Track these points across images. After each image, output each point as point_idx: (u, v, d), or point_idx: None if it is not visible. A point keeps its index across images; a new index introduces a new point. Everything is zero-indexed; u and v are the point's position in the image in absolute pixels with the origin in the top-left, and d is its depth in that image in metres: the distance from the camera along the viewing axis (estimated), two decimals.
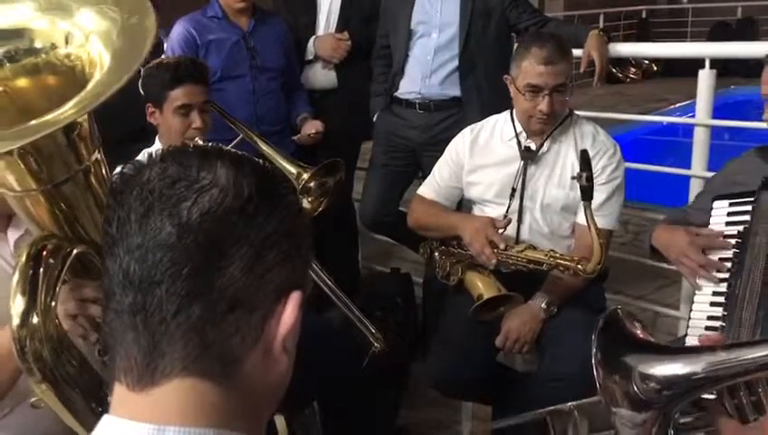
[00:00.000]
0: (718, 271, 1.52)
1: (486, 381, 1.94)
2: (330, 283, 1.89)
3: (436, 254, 2.11)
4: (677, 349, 1.00)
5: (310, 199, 2.01)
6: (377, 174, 2.77)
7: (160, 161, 0.60)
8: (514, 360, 2.26)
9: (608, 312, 0.89)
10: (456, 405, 2.31)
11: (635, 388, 0.82)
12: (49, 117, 0.84)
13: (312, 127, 2.58)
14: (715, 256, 1.53)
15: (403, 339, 2.56)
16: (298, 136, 2.59)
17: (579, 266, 1.69)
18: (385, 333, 2.07)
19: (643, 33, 11.03)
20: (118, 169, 0.62)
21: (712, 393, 0.92)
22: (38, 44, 1.02)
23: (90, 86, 0.89)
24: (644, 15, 11.45)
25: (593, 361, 0.86)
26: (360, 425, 2.19)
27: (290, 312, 0.60)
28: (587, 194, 1.59)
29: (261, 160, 0.67)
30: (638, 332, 0.88)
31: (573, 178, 1.66)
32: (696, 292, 1.55)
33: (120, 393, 0.59)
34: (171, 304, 0.56)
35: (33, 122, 0.84)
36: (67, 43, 1.00)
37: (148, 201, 0.57)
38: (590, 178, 1.58)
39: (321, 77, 2.78)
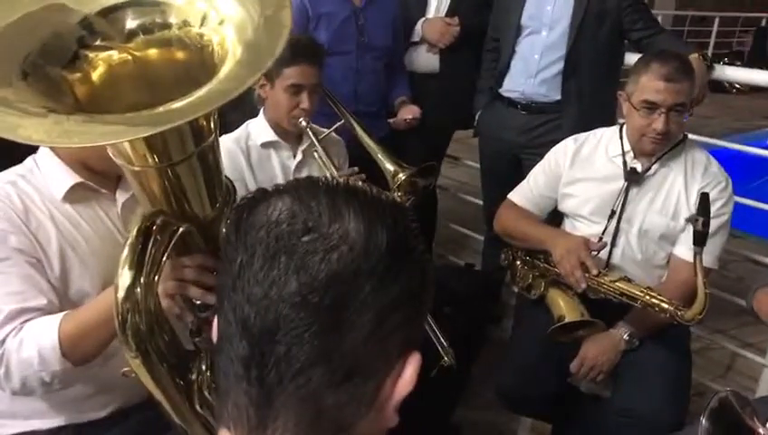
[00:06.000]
0: None
1: (552, 402, 1.89)
2: None
3: (518, 263, 2.05)
4: None
5: (400, 194, 1.98)
6: (485, 179, 2.79)
7: (287, 197, 0.56)
8: (581, 381, 2.20)
9: (719, 395, 0.83)
10: None
11: None
12: (181, 105, 0.84)
13: (408, 112, 2.54)
14: None
15: (468, 338, 2.52)
16: (394, 120, 2.56)
17: (678, 312, 1.60)
18: (450, 331, 2.04)
19: (759, 44, 10.35)
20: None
21: None
22: (173, 19, 1.02)
23: (222, 75, 0.88)
24: (764, 24, 10.75)
25: None
26: (415, 418, 2.19)
27: (409, 376, 0.57)
28: (700, 240, 1.50)
29: (386, 194, 0.63)
30: (750, 420, 0.81)
31: (688, 219, 1.57)
32: None
33: None
34: (291, 366, 0.53)
35: (163, 110, 0.84)
36: (202, 23, 1.00)
37: (274, 248, 0.54)
38: (706, 224, 1.48)
39: (424, 60, 2.71)
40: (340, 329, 0.53)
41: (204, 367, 1.11)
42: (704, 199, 1.52)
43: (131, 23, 1.01)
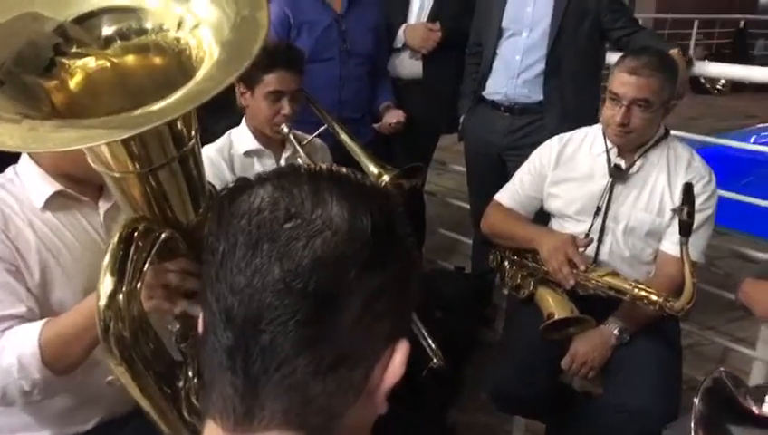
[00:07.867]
0: None
1: (546, 401, 1.89)
2: None
3: (506, 263, 2.05)
4: None
5: None
6: (471, 182, 2.80)
7: (269, 185, 0.55)
8: (573, 378, 2.20)
9: (713, 375, 0.83)
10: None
11: None
12: (157, 107, 0.83)
13: (394, 116, 2.55)
14: None
15: (460, 340, 2.52)
16: (379, 124, 2.57)
17: (667, 303, 1.60)
18: (442, 335, 2.04)
19: (739, 45, 10.47)
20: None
21: None
22: (149, 25, 1.02)
23: (199, 77, 0.88)
24: (741, 25, 10.88)
25: (692, 423, 0.80)
26: (409, 421, 2.17)
27: (398, 364, 0.57)
28: (685, 229, 1.51)
29: (365, 178, 0.62)
30: (744, 399, 0.81)
31: (673, 210, 1.57)
32: None
33: (213, 432, 0.56)
34: (275, 355, 0.52)
35: (139, 112, 0.84)
36: (178, 27, 0.99)
37: (256, 236, 0.53)
38: (691, 214, 1.49)
39: (408, 66, 2.73)
40: (325, 316, 0.52)
41: (191, 374, 1.09)
42: (687, 189, 1.53)
43: (107, 29, 1.00)
